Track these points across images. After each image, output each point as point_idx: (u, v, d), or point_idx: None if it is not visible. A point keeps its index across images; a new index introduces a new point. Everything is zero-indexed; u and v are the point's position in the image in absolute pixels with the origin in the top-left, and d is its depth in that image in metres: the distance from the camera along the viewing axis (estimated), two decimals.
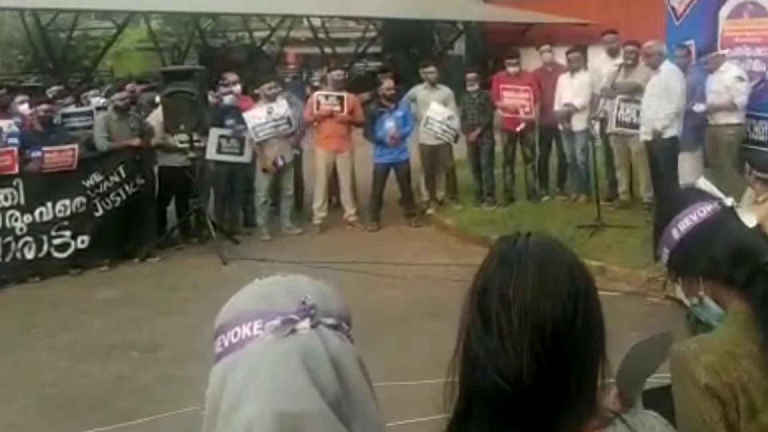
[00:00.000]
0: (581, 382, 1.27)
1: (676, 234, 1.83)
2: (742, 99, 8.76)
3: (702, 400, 1.66)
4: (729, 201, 1.83)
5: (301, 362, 1.15)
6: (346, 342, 1.24)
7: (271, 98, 9.97)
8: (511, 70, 10.51)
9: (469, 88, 10.66)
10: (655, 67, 8.88)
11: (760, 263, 1.71)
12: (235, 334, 1.21)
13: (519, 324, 1.25)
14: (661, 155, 8.81)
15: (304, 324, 1.18)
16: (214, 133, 9.69)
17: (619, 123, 9.35)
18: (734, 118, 8.87)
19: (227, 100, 10.16)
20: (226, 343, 1.23)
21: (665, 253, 1.87)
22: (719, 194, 1.82)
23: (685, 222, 1.81)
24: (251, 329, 1.20)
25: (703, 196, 1.86)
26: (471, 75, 10.72)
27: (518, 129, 10.38)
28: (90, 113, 10.19)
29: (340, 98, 10.19)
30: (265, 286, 1.26)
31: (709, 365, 1.65)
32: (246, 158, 9.94)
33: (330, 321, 1.22)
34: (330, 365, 1.17)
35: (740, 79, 8.81)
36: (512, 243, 1.35)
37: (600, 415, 1.30)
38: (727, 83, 8.82)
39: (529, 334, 1.24)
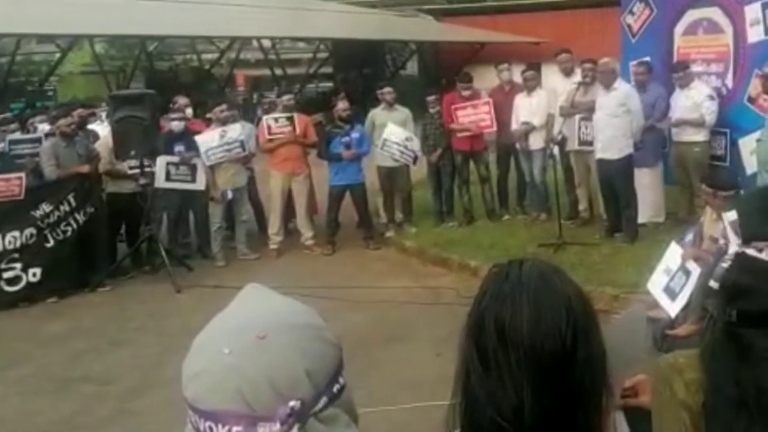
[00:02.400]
0: (587, 417, 1.22)
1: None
2: (711, 118, 8.87)
3: (679, 411, 1.66)
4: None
5: None
6: (339, 422, 1.13)
7: (224, 121, 9.81)
8: (465, 93, 10.47)
9: (431, 110, 10.61)
10: (607, 85, 8.91)
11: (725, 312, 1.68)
12: (210, 429, 1.08)
13: (517, 362, 1.20)
14: (621, 173, 8.83)
15: None
16: (162, 160, 9.48)
17: (581, 142, 9.38)
18: (700, 136, 9.01)
19: (175, 126, 9.92)
20: (201, 428, 1.09)
21: None
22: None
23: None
24: None
25: None
26: (431, 98, 10.69)
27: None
28: (38, 140, 9.89)
29: (290, 119, 10.10)
30: (237, 376, 1.07)
31: (690, 382, 1.65)
32: (199, 185, 9.73)
33: (321, 404, 1.10)
34: None
35: (711, 98, 8.92)
36: (505, 274, 1.27)
37: None
38: (697, 101, 8.92)
39: (528, 372, 1.19)
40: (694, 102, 8.91)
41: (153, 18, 19.14)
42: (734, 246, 4.93)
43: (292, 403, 1.05)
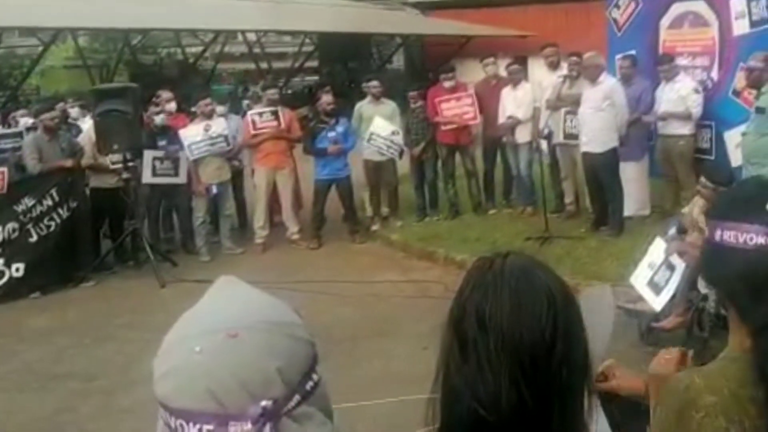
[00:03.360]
0: (564, 407, 1.23)
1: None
2: (697, 111, 8.87)
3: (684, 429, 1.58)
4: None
5: None
6: (312, 420, 1.10)
7: (208, 115, 9.75)
8: (447, 84, 10.43)
9: (413, 105, 10.58)
10: (593, 79, 8.91)
11: None
12: (182, 427, 1.07)
13: (497, 350, 1.21)
14: (606, 166, 8.84)
15: None
16: (148, 155, 9.41)
17: (566, 135, 9.37)
18: (686, 129, 8.99)
19: (158, 120, 9.86)
20: (172, 425, 1.08)
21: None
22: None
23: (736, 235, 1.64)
24: None
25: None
26: (413, 94, 10.63)
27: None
28: (20, 134, 9.80)
29: (275, 113, 10.03)
30: (207, 376, 1.05)
31: (710, 407, 1.56)
32: (181, 179, 9.70)
33: (293, 402, 1.08)
34: None
35: (696, 90, 8.91)
36: (488, 265, 1.29)
37: None
38: (683, 94, 8.91)
39: (507, 360, 1.20)
40: (679, 95, 8.91)
41: (136, 11, 18.96)
42: None
43: (263, 403, 1.03)
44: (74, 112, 11.51)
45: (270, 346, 1.08)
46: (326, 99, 10.20)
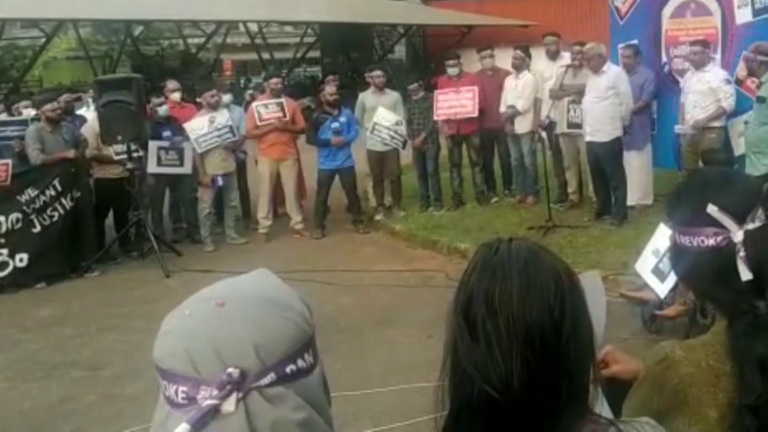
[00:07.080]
0: (572, 387, 1.25)
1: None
2: (730, 102, 8.43)
3: (662, 392, 1.62)
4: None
5: None
6: (286, 403, 1.10)
7: (214, 106, 9.75)
8: (451, 71, 10.42)
9: (414, 97, 10.56)
10: (596, 69, 8.88)
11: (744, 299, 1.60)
12: (165, 388, 1.11)
13: (507, 332, 1.22)
14: (610, 156, 8.84)
15: (229, 406, 1.06)
16: (153, 145, 9.42)
17: (569, 125, 9.35)
18: (718, 121, 8.56)
19: (161, 111, 9.86)
20: (161, 385, 1.13)
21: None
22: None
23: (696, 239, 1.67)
24: (176, 393, 1.09)
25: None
26: (413, 86, 10.60)
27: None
28: (25, 122, 9.79)
29: (280, 104, 10.03)
30: (189, 338, 1.10)
31: (686, 376, 1.61)
32: (186, 169, 9.71)
33: (267, 380, 1.08)
34: None
35: (728, 81, 8.50)
36: (494, 250, 1.30)
37: (593, 419, 1.28)
38: (713, 86, 8.48)
39: (517, 341, 1.21)
40: (710, 86, 8.49)
41: (138, 2, 18.98)
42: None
43: (230, 370, 1.06)
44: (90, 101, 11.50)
45: (254, 319, 1.10)
46: (329, 89, 10.20)
